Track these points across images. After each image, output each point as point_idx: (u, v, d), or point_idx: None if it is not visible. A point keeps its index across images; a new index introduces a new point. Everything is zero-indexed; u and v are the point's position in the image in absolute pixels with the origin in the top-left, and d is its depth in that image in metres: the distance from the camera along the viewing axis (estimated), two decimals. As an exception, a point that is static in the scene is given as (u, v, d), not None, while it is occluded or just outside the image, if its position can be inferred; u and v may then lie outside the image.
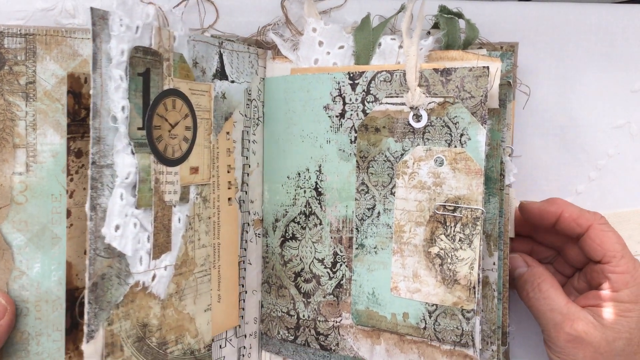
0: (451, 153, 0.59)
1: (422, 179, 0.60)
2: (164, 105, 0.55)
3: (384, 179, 0.62)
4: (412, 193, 0.60)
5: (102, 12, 0.49)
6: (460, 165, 0.58)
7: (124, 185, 0.52)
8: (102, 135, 0.50)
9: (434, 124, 0.59)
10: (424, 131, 0.60)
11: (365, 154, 0.62)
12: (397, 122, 0.60)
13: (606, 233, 0.63)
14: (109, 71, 0.50)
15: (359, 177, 0.62)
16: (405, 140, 0.60)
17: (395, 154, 0.61)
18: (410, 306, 0.61)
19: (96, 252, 0.50)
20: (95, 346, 0.51)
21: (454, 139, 0.59)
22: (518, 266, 0.68)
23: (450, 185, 0.59)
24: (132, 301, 0.53)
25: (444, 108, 0.59)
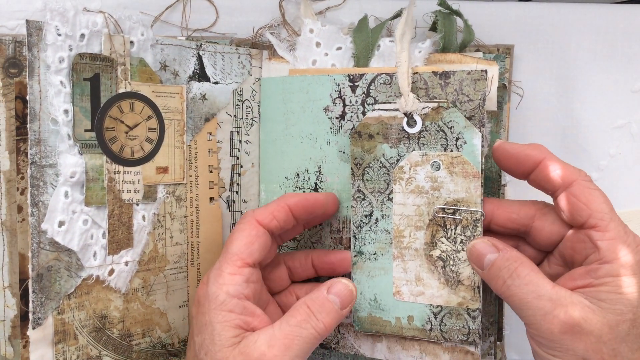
0: (447, 157, 0.58)
1: (420, 184, 0.59)
2: (118, 107, 0.57)
3: (380, 185, 0.61)
4: (410, 198, 0.60)
5: (37, 24, 0.54)
6: (457, 169, 0.58)
7: (69, 184, 0.55)
8: (42, 137, 0.54)
9: (428, 129, 0.59)
10: (419, 136, 0.59)
11: (360, 161, 0.61)
12: (391, 128, 0.60)
13: (592, 191, 0.53)
14: (47, 78, 0.54)
15: (354, 184, 0.61)
16: (400, 145, 0.60)
17: (391, 159, 0.60)
18: (414, 309, 0.60)
19: (40, 245, 0.54)
20: (44, 333, 0.55)
21: (449, 143, 0.58)
22: (486, 252, 0.55)
23: (448, 189, 0.58)
24: (87, 293, 0.57)
25: (438, 113, 0.58)
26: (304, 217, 0.59)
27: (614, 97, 0.71)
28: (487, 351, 0.66)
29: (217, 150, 0.65)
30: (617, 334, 0.50)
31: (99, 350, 0.58)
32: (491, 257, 0.55)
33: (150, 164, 0.60)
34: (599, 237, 0.52)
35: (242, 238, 0.55)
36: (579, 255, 0.54)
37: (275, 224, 0.56)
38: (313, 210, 0.59)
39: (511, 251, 0.55)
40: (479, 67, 0.61)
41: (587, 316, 0.50)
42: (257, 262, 0.55)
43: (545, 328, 0.51)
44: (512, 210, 0.58)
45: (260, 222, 0.56)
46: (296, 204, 0.58)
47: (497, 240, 0.56)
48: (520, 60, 0.70)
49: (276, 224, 0.56)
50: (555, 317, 0.50)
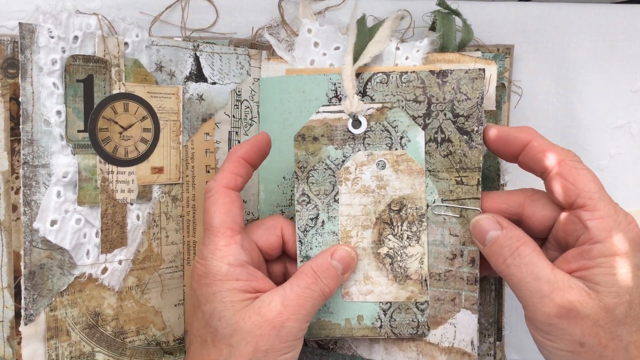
0: (392, 156, 0.59)
1: (366, 183, 0.60)
2: (112, 108, 0.58)
3: (326, 187, 0.60)
4: (357, 198, 0.60)
5: (30, 26, 0.55)
6: (402, 166, 0.59)
7: (62, 184, 0.56)
8: (34, 137, 0.55)
9: (373, 129, 0.59)
10: (364, 137, 0.59)
11: (304, 164, 0.60)
12: (336, 129, 0.60)
13: (580, 170, 0.52)
14: (40, 79, 0.55)
15: (298, 187, 0.60)
16: (345, 146, 0.60)
17: (336, 161, 0.60)
18: (364, 308, 0.61)
19: (32, 243, 0.55)
20: (36, 329, 0.56)
21: (394, 142, 0.59)
22: (490, 229, 0.55)
23: (394, 187, 0.59)
24: (79, 290, 0.58)
25: (383, 113, 0.59)
26: (257, 161, 0.59)
27: (614, 97, 0.70)
28: (487, 352, 0.65)
29: (215, 151, 0.65)
30: (614, 317, 0.49)
31: (92, 346, 0.59)
32: (494, 234, 0.55)
33: (144, 164, 0.60)
34: (588, 217, 0.51)
35: (219, 209, 0.55)
36: (571, 237, 0.53)
37: (241, 180, 0.57)
38: (263, 150, 0.59)
39: (515, 230, 0.54)
40: (477, 66, 0.61)
41: (583, 300, 0.49)
42: (241, 226, 0.56)
43: (542, 312, 0.51)
44: (501, 200, 0.58)
45: (228, 186, 0.56)
46: (247, 152, 0.57)
47: (502, 218, 0.56)
48: (520, 60, 0.69)
49: (241, 179, 0.57)
50: (552, 300, 0.50)
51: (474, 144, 0.58)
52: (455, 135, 0.59)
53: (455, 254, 0.59)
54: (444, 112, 0.59)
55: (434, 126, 0.59)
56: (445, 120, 0.59)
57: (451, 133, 0.59)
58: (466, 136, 0.58)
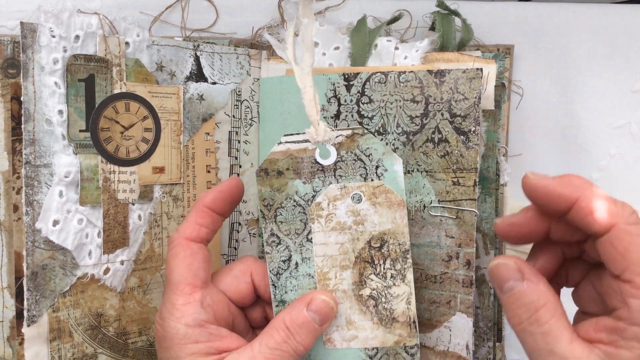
0: (369, 188, 0.54)
1: (341, 220, 0.54)
2: (113, 108, 0.58)
3: (296, 225, 0.55)
4: (332, 236, 0.55)
5: (31, 25, 0.54)
6: (380, 199, 0.54)
7: (64, 184, 0.56)
8: (36, 137, 0.55)
9: (344, 159, 0.54)
10: (334, 168, 0.54)
11: (270, 202, 0.55)
12: (302, 161, 0.55)
13: (634, 238, 0.44)
14: (42, 79, 0.55)
15: (266, 228, 0.56)
16: (315, 180, 0.55)
17: (306, 196, 0.55)
18: (348, 355, 0.56)
19: (34, 244, 0.55)
20: (39, 330, 0.56)
21: (369, 173, 0.54)
22: (509, 278, 0.47)
23: (372, 222, 0.54)
24: (82, 291, 0.58)
25: (354, 140, 0.54)
26: (227, 209, 0.56)
27: (614, 97, 0.70)
28: (486, 356, 0.65)
29: (215, 151, 0.65)
30: None
31: (94, 348, 0.59)
32: (513, 285, 0.47)
33: (146, 164, 0.60)
34: (631, 294, 0.44)
35: (180, 263, 0.52)
36: (611, 300, 0.46)
37: (205, 231, 0.54)
38: (233, 197, 0.55)
39: (537, 284, 0.47)
40: (476, 66, 0.60)
41: None
42: (205, 280, 0.53)
43: None
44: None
45: (190, 238, 0.53)
46: (214, 201, 0.54)
47: (526, 264, 0.48)
48: (520, 60, 0.69)
49: (205, 231, 0.54)
50: None
51: (471, 145, 0.58)
52: (452, 136, 0.58)
53: (451, 256, 0.58)
54: (442, 112, 0.58)
55: (431, 126, 0.59)
56: (442, 120, 0.58)
57: (448, 133, 0.58)
58: (463, 136, 0.58)
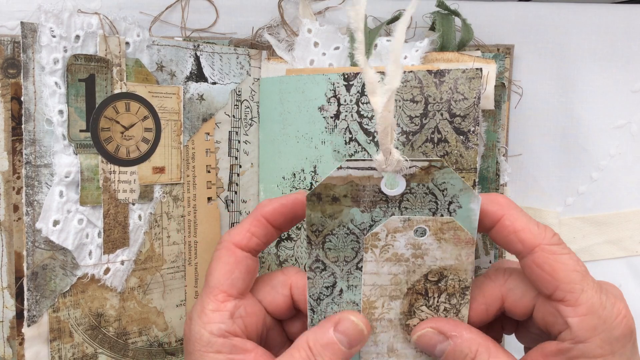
0: (436, 223, 0.48)
1: (399, 252, 0.49)
2: (113, 108, 0.58)
3: (346, 253, 0.50)
4: (386, 267, 0.49)
5: (32, 25, 0.54)
6: (448, 235, 0.48)
7: (64, 184, 0.56)
8: (37, 137, 0.55)
9: (414, 191, 0.48)
10: (400, 200, 0.48)
11: (320, 227, 0.49)
12: (363, 190, 0.48)
13: (559, 257, 0.44)
14: (42, 79, 0.55)
15: (311, 253, 0.50)
16: (375, 209, 0.48)
17: (362, 225, 0.49)
18: None
19: (35, 244, 0.55)
20: (39, 330, 0.56)
21: (440, 208, 0.48)
22: (435, 343, 0.48)
23: (434, 257, 0.49)
24: (82, 291, 0.58)
25: (429, 173, 0.47)
26: (286, 224, 0.52)
27: (614, 97, 0.70)
28: None
29: (215, 151, 0.65)
30: None
31: (94, 348, 0.59)
32: (442, 347, 0.48)
33: (146, 164, 0.60)
34: (569, 313, 0.44)
35: (221, 267, 0.50)
36: (553, 329, 0.46)
37: (255, 242, 0.51)
38: (295, 213, 0.51)
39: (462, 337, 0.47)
40: (476, 66, 0.60)
41: None
42: (242, 291, 0.50)
43: None
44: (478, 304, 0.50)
45: (238, 245, 0.50)
46: (273, 213, 0.51)
47: (446, 322, 0.49)
48: (520, 60, 0.69)
49: (256, 241, 0.51)
50: None
51: (471, 145, 0.58)
52: (452, 136, 0.58)
53: None
54: (441, 112, 0.58)
55: (431, 126, 0.59)
56: (442, 120, 0.58)
57: (448, 133, 0.58)
58: (462, 136, 0.58)
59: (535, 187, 0.68)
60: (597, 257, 0.73)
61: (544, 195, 0.63)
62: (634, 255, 0.72)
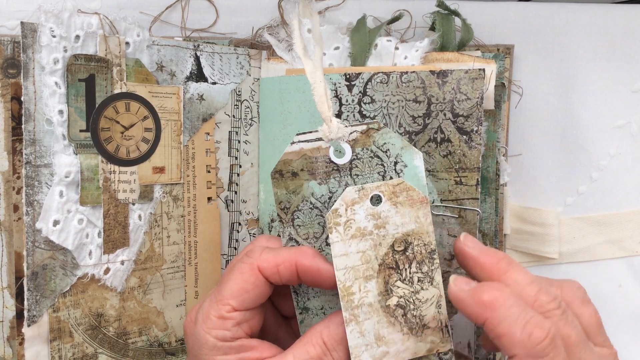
0: (388, 187, 0.51)
1: (361, 225, 0.51)
2: (113, 108, 0.58)
3: (314, 229, 0.53)
4: (352, 245, 0.51)
5: (32, 25, 0.54)
6: (402, 198, 0.51)
7: (64, 184, 0.56)
8: (37, 137, 0.55)
9: (360, 156, 0.52)
10: (350, 167, 0.52)
11: (287, 204, 0.53)
12: (316, 161, 0.53)
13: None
14: (42, 79, 0.55)
15: (284, 232, 0.54)
16: (330, 180, 0.52)
17: (322, 198, 0.53)
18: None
19: (35, 244, 0.55)
20: (39, 330, 0.56)
21: (387, 170, 0.51)
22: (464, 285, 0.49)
23: (395, 224, 0.51)
24: (82, 291, 0.58)
25: (369, 136, 0.51)
26: (309, 282, 0.52)
27: (614, 97, 0.70)
28: (486, 356, 0.65)
29: (215, 151, 0.65)
30: None
31: (94, 348, 0.59)
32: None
33: (146, 163, 0.60)
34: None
35: (238, 282, 0.51)
36: None
37: (277, 279, 0.51)
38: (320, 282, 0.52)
39: None
40: (477, 66, 0.61)
41: None
42: (248, 308, 0.51)
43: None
44: None
45: (263, 272, 0.51)
46: (306, 270, 0.51)
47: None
48: (520, 60, 0.69)
49: (277, 279, 0.51)
50: None
51: (474, 144, 0.58)
52: (455, 135, 0.58)
53: (454, 255, 0.58)
54: (444, 112, 0.58)
55: (434, 126, 0.59)
56: (444, 120, 0.58)
57: (451, 133, 0.58)
58: (465, 136, 0.58)
59: (535, 187, 0.68)
60: (597, 257, 0.73)
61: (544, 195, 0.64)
62: (634, 255, 0.72)
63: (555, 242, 0.71)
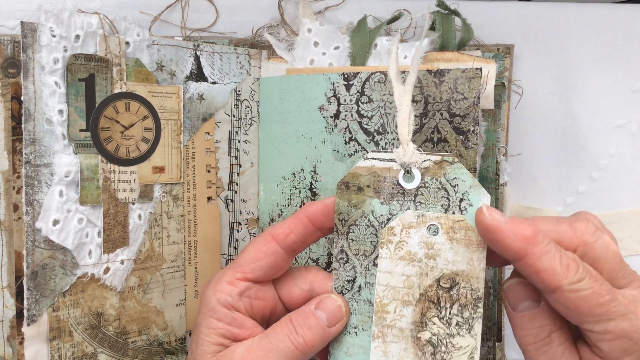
0: (448, 221, 0.49)
1: (412, 250, 0.50)
2: (113, 107, 0.58)
3: (366, 247, 0.52)
4: (399, 266, 0.50)
5: (32, 25, 0.54)
6: (459, 235, 0.49)
7: (64, 183, 0.56)
8: (36, 137, 0.55)
9: (428, 185, 0.50)
10: (416, 193, 0.50)
11: (346, 217, 0.52)
12: (384, 181, 0.51)
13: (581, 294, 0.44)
14: (42, 78, 0.55)
15: (337, 243, 0.53)
16: (393, 202, 0.51)
17: (381, 218, 0.51)
18: None
19: (34, 243, 0.55)
20: (39, 329, 0.56)
21: (451, 204, 0.50)
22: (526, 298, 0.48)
23: (446, 259, 0.49)
24: (82, 291, 0.58)
25: (441, 167, 0.50)
26: (327, 225, 0.53)
27: (614, 96, 0.70)
28: (485, 356, 0.65)
29: (215, 150, 0.65)
30: None
31: (94, 347, 0.59)
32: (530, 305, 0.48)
33: (146, 163, 0.60)
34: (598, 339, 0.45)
35: (252, 251, 0.52)
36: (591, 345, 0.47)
37: (293, 239, 0.52)
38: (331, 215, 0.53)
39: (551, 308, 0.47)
40: (475, 66, 0.60)
41: None
42: (261, 279, 0.52)
43: None
44: None
45: (276, 237, 0.51)
46: (315, 213, 0.52)
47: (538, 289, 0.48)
48: (520, 59, 0.69)
49: (294, 238, 0.52)
50: None
51: (470, 144, 0.57)
52: (452, 135, 0.58)
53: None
54: (441, 112, 0.58)
55: (431, 126, 0.58)
56: (441, 120, 0.58)
57: (447, 133, 0.58)
58: (462, 136, 0.57)
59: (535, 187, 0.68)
60: (597, 256, 0.73)
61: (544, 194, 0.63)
62: (634, 254, 0.72)
63: (555, 241, 0.71)
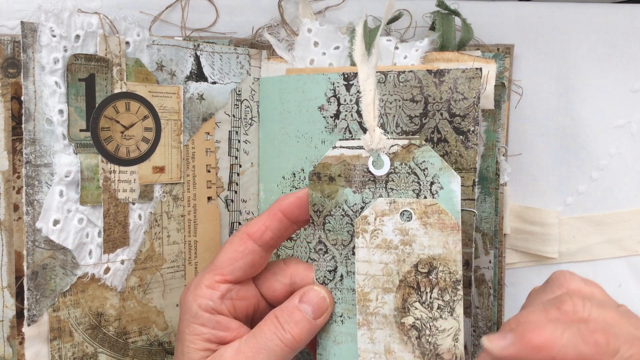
0: (420, 206, 0.49)
1: (387, 237, 0.50)
2: (114, 107, 0.58)
3: (343, 236, 0.52)
4: (376, 254, 0.51)
5: (32, 25, 0.54)
6: (432, 219, 0.49)
7: (64, 183, 0.56)
8: (37, 137, 0.55)
9: (398, 170, 0.51)
10: (386, 180, 0.51)
11: (320, 208, 0.53)
12: (354, 169, 0.52)
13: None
14: (42, 78, 0.55)
15: (314, 234, 0.53)
16: (365, 190, 0.51)
17: (355, 207, 0.52)
18: None
19: (35, 243, 0.55)
20: (39, 330, 0.56)
21: (423, 189, 0.50)
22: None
23: (422, 244, 0.50)
24: (82, 291, 0.58)
25: (409, 151, 0.50)
26: (302, 217, 0.53)
27: (614, 97, 0.70)
28: None
29: (215, 150, 0.65)
30: None
31: (94, 347, 0.59)
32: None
33: (146, 163, 0.60)
34: None
35: (229, 252, 0.51)
36: None
37: (269, 235, 0.52)
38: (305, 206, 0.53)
39: None
40: (475, 66, 0.60)
41: None
42: (240, 279, 0.52)
43: None
44: None
45: (252, 236, 0.51)
46: (289, 207, 0.52)
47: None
48: (520, 59, 0.69)
49: (270, 234, 0.52)
50: None
51: (470, 144, 0.57)
52: (452, 136, 0.58)
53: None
54: (441, 112, 0.58)
55: (430, 126, 0.58)
56: (441, 120, 0.58)
57: (447, 133, 0.58)
58: (462, 136, 0.57)
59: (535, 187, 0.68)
60: (597, 256, 0.73)
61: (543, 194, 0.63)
62: (633, 254, 0.72)
63: (555, 241, 0.71)
